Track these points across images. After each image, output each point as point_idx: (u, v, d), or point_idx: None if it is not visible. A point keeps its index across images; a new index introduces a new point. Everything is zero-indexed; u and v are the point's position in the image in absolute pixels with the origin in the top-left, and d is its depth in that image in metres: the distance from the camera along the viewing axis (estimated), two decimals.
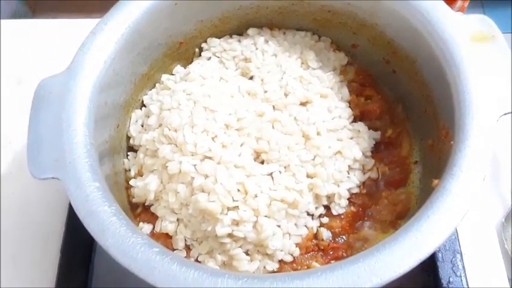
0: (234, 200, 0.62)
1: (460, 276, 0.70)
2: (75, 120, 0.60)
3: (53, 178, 0.57)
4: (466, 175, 0.53)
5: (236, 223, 0.61)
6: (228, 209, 0.62)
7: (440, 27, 0.63)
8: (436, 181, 0.56)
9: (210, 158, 0.64)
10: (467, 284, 0.70)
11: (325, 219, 0.67)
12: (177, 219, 0.66)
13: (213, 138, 0.65)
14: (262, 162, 0.66)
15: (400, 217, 0.68)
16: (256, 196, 0.62)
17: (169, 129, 0.66)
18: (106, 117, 0.67)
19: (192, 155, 0.64)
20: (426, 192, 0.59)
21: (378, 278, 0.49)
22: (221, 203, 0.61)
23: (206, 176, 0.63)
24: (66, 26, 0.95)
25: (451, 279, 0.69)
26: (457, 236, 0.73)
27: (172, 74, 0.77)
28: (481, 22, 0.63)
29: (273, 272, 0.63)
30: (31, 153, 0.58)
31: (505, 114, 0.57)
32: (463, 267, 0.70)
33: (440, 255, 0.71)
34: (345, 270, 0.49)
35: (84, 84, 0.62)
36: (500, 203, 0.81)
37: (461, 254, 0.72)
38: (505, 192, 0.82)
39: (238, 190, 0.62)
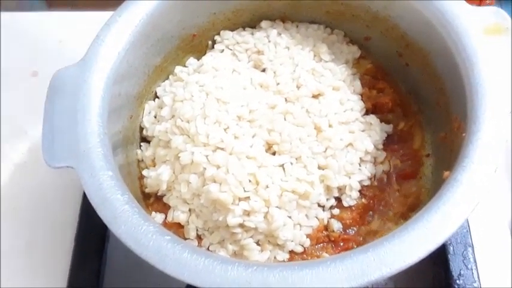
0: (245, 191, 0.62)
1: (471, 270, 0.70)
2: (90, 110, 0.61)
3: (67, 167, 0.58)
4: (478, 167, 0.53)
5: (247, 213, 0.62)
6: (240, 199, 0.62)
7: (454, 20, 0.63)
8: (446, 173, 0.56)
9: (222, 148, 0.64)
10: (479, 277, 0.69)
11: (336, 211, 0.67)
12: (189, 209, 0.66)
13: (225, 130, 0.66)
14: (273, 154, 0.67)
15: (411, 209, 0.67)
16: (267, 187, 0.63)
17: (182, 120, 0.67)
18: (120, 108, 0.68)
19: (204, 146, 0.65)
20: (438, 185, 0.59)
21: (387, 267, 0.49)
22: (232, 194, 0.61)
23: (218, 167, 0.63)
24: (81, 19, 0.96)
25: (462, 272, 0.69)
26: (469, 229, 0.72)
27: (186, 66, 0.78)
28: (495, 14, 0.63)
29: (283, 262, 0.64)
30: (46, 142, 0.59)
31: None
32: (475, 260, 0.70)
33: (451, 248, 0.71)
34: (354, 260, 0.49)
35: (99, 75, 0.63)
36: None
37: (472, 247, 0.71)
38: None
39: (250, 181, 0.63)
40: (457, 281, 0.69)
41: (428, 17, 0.65)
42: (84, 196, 0.75)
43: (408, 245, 0.50)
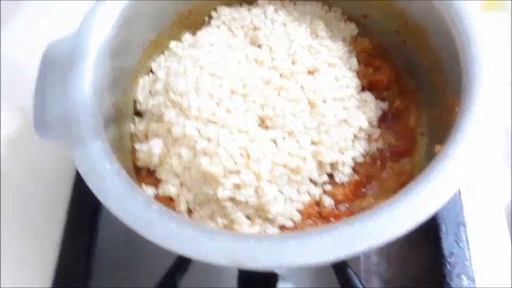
0: (236, 164, 0.62)
1: (463, 248, 0.69)
2: (82, 82, 0.60)
3: (57, 137, 0.58)
4: (470, 141, 0.53)
5: (238, 187, 0.62)
6: (230, 172, 0.62)
7: None
8: (438, 147, 0.55)
9: (214, 122, 0.64)
10: (470, 256, 0.69)
11: (328, 187, 0.67)
12: (180, 183, 0.66)
13: (217, 103, 0.65)
14: (266, 129, 0.66)
15: (404, 187, 0.67)
16: (258, 161, 0.62)
17: (175, 94, 0.67)
18: (113, 82, 0.67)
19: (196, 119, 0.64)
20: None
21: (374, 239, 0.48)
22: (223, 167, 0.61)
23: (209, 140, 0.63)
24: None
25: (454, 251, 0.69)
26: (462, 209, 0.72)
27: (181, 42, 0.77)
28: None
29: None
30: (37, 114, 0.59)
31: None
32: (467, 239, 0.70)
33: (444, 227, 0.71)
34: (341, 231, 0.49)
35: (92, 47, 0.63)
36: None
37: (465, 226, 0.71)
38: None
39: (241, 154, 0.62)
40: (449, 259, 0.69)
41: None
42: (77, 171, 0.75)
43: (396, 217, 0.50)
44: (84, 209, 0.74)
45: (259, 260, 0.48)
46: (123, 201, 0.53)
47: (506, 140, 0.82)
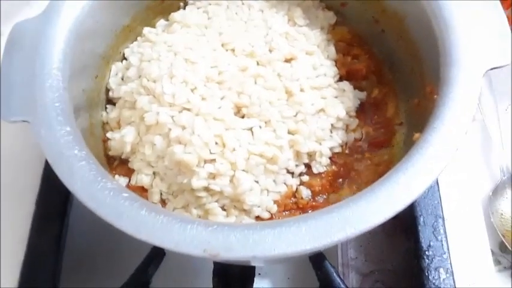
0: (211, 153, 0.60)
1: (441, 241, 0.68)
2: (49, 63, 0.58)
3: (23, 121, 0.55)
4: (448, 128, 0.52)
5: (213, 176, 0.60)
6: (205, 161, 0.60)
7: None
8: (417, 135, 0.54)
9: (188, 109, 0.62)
10: (448, 249, 0.68)
11: (305, 178, 0.66)
12: (153, 173, 0.64)
13: (192, 90, 0.64)
14: (242, 117, 0.65)
15: None
16: (234, 150, 0.61)
17: (148, 80, 0.65)
18: (84, 67, 0.65)
19: (170, 106, 0.62)
20: None
21: (352, 227, 0.47)
22: (198, 155, 0.59)
23: (183, 128, 0.61)
24: None
25: (431, 243, 0.68)
26: (440, 201, 0.71)
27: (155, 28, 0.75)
28: None
29: None
30: (2, 96, 0.57)
31: (492, 68, 0.55)
32: (445, 232, 0.69)
33: (422, 219, 0.70)
34: (317, 220, 0.48)
35: (60, 28, 0.61)
36: (490, 177, 0.80)
37: (443, 219, 0.70)
38: (495, 167, 0.80)
39: (216, 143, 0.61)
40: (427, 252, 0.68)
41: None
42: (47, 160, 0.73)
43: (374, 206, 0.48)
44: (54, 197, 0.72)
45: (234, 250, 0.47)
46: (92, 188, 0.50)
47: (482, 133, 0.82)
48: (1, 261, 0.70)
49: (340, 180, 0.67)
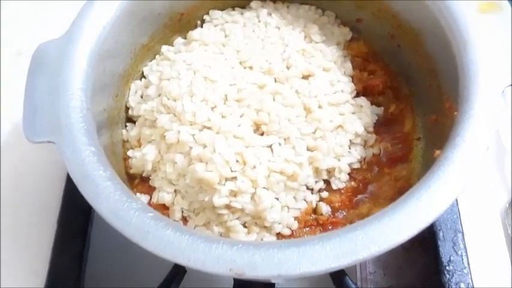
0: (232, 171, 0.60)
1: (461, 256, 0.68)
2: (72, 84, 0.59)
3: (48, 142, 0.56)
4: (469, 145, 0.52)
5: (234, 194, 0.60)
6: (226, 179, 0.60)
7: None
8: (438, 151, 0.54)
9: (208, 127, 0.63)
10: (469, 264, 0.68)
11: (324, 194, 0.66)
12: (174, 190, 0.65)
13: (212, 108, 0.64)
14: (262, 134, 0.65)
15: (401, 193, 0.64)
16: (254, 167, 0.61)
17: (168, 99, 0.65)
18: (104, 86, 0.66)
19: (191, 125, 0.63)
20: (428, 168, 0.57)
21: (376, 246, 0.47)
22: (219, 173, 0.60)
23: (204, 146, 0.62)
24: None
25: (451, 258, 0.68)
26: (459, 216, 0.71)
27: (173, 46, 0.76)
28: None
29: None
30: (27, 116, 0.57)
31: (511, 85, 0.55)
32: (465, 246, 0.69)
33: (441, 234, 0.70)
34: (342, 238, 0.48)
35: (83, 49, 0.61)
36: (505, 188, 0.80)
37: (462, 233, 0.70)
38: (510, 178, 0.80)
39: (237, 161, 0.61)
40: (447, 267, 0.68)
41: None
42: (68, 177, 0.73)
43: (398, 224, 0.49)
44: (75, 216, 0.72)
45: (259, 269, 0.47)
46: (117, 208, 0.51)
47: (497, 145, 0.82)
48: (25, 280, 0.71)
49: (360, 196, 0.67)
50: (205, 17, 0.77)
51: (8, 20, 0.94)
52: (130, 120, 0.72)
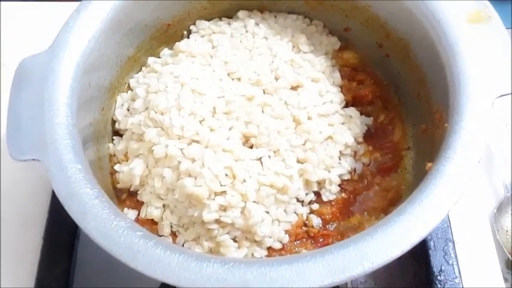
0: (221, 185, 0.60)
1: (452, 265, 0.68)
2: (57, 100, 0.58)
3: (33, 160, 0.55)
4: (461, 157, 0.52)
5: (223, 208, 0.60)
6: (215, 194, 0.60)
7: (435, 8, 0.61)
8: (429, 164, 0.54)
9: (197, 141, 0.62)
10: (460, 273, 0.68)
11: (315, 206, 0.66)
12: (163, 205, 0.64)
13: (200, 122, 0.63)
14: (251, 147, 0.65)
15: (392, 204, 0.66)
16: (244, 181, 0.60)
17: (156, 112, 0.64)
18: (90, 100, 0.65)
19: (179, 139, 0.62)
20: (419, 178, 0.57)
21: (369, 262, 0.47)
22: (208, 188, 0.59)
23: (193, 160, 0.61)
24: (51, 7, 0.93)
25: (443, 268, 0.68)
26: (450, 225, 0.71)
27: (160, 57, 0.75)
28: (476, 2, 0.61)
29: None
30: (11, 133, 0.56)
31: (501, 96, 0.55)
32: (456, 255, 0.69)
33: (432, 243, 0.70)
34: (335, 255, 0.47)
35: (67, 63, 0.60)
36: (493, 193, 0.80)
37: (453, 242, 0.70)
38: (497, 183, 0.80)
39: (226, 175, 0.60)
40: (438, 277, 0.68)
41: (409, 5, 0.64)
42: (53, 193, 0.72)
43: (391, 239, 0.48)
44: (61, 232, 0.71)
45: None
46: (105, 227, 0.50)
47: (485, 151, 0.82)
48: None
49: (351, 207, 0.67)
50: (191, 27, 0.77)
51: None
52: (117, 133, 0.71)
